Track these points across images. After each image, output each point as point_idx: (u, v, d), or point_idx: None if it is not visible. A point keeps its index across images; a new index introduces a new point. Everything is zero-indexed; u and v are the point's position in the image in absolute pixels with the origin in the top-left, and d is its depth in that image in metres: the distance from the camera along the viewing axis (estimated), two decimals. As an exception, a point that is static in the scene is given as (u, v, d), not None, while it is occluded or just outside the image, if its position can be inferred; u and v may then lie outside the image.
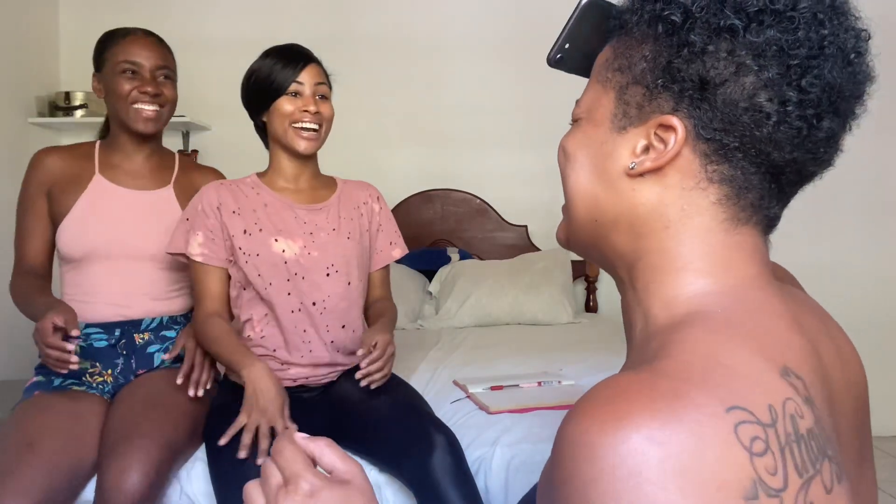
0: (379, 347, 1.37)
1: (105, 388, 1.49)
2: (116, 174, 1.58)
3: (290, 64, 1.42)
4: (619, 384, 0.42)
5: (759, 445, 0.39)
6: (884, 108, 2.84)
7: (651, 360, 0.45)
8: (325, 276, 1.46)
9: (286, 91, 1.42)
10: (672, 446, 0.38)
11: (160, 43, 1.58)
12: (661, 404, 0.39)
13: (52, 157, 1.55)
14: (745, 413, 0.40)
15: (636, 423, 0.38)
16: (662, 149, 0.51)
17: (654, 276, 0.52)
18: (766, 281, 0.52)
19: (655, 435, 0.38)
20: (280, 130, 1.44)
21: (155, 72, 1.53)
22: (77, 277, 1.53)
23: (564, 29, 0.59)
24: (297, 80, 1.42)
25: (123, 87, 1.49)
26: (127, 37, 1.53)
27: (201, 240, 1.43)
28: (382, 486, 1.33)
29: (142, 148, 1.60)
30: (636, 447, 0.38)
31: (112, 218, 1.53)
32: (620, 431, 0.38)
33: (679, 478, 0.37)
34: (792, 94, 0.47)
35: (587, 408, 0.41)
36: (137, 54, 1.51)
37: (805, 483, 0.40)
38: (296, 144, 1.44)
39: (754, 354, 0.44)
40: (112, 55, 1.51)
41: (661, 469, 0.37)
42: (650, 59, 0.51)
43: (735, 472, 0.38)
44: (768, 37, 0.47)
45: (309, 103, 1.42)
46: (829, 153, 0.51)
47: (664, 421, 0.38)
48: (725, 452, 0.38)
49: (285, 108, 1.42)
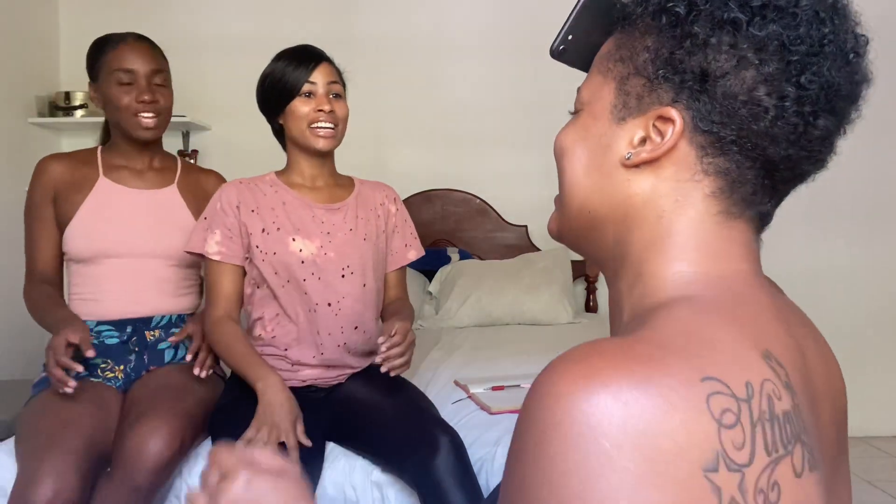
0: (399, 333, 1.36)
1: (117, 383, 1.52)
2: (121, 175, 1.61)
3: (302, 64, 1.43)
4: (597, 344, 0.42)
5: (730, 418, 0.38)
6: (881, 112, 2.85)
7: (632, 333, 0.45)
8: (340, 276, 1.46)
9: (300, 92, 1.42)
10: (638, 407, 0.37)
11: (153, 47, 1.59)
12: (635, 365, 0.39)
13: (56, 162, 1.58)
14: (719, 384, 0.39)
15: (605, 381, 0.38)
16: (660, 140, 0.51)
17: (644, 266, 0.52)
18: (756, 276, 0.52)
19: (623, 394, 0.38)
20: (297, 132, 1.45)
21: (150, 77, 1.55)
22: (86, 276, 1.55)
23: (568, 20, 0.60)
24: (310, 81, 1.42)
25: (122, 99, 1.51)
26: (119, 44, 1.54)
27: (219, 238, 1.44)
28: (385, 486, 1.33)
29: (144, 152, 1.63)
30: (602, 403, 0.37)
31: (119, 218, 1.56)
32: (589, 386, 0.38)
33: (638, 439, 0.37)
34: (791, 90, 0.47)
35: (562, 361, 0.41)
36: (132, 61, 1.53)
37: (773, 462, 0.39)
38: (314, 143, 1.45)
39: (737, 335, 0.43)
40: (106, 64, 1.53)
41: (623, 428, 0.37)
42: (652, 50, 0.51)
43: (699, 442, 0.37)
44: (770, 31, 0.47)
45: (323, 103, 1.43)
46: (823, 153, 0.51)
47: (635, 382, 0.38)
48: (692, 420, 0.38)
49: (301, 110, 1.43)
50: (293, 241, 1.44)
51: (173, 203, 1.63)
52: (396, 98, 3.03)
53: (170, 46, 1.67)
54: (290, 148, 1.51)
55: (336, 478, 1.34)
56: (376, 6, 3.04)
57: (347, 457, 1.37)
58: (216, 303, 1.45)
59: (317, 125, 1.43)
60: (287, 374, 1.45)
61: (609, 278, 0.58)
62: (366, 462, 1.36)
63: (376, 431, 1.33)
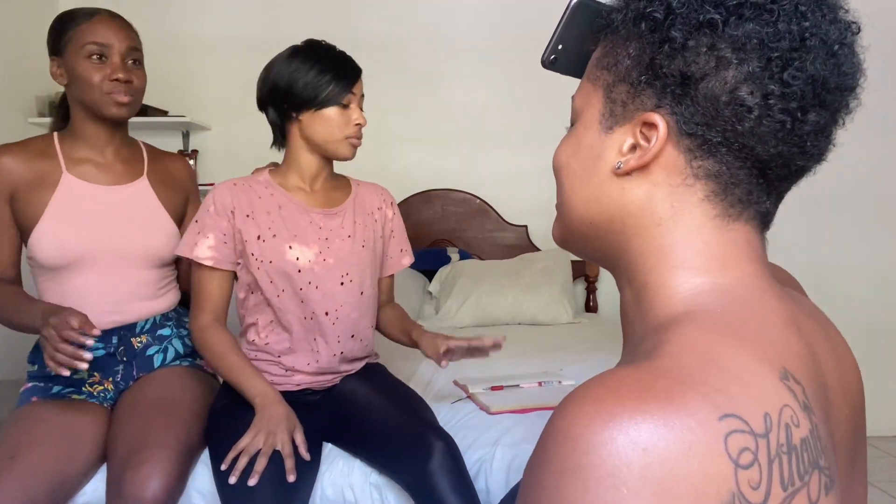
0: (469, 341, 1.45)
1: (106, 395, 1.46)
2: (86, 171, 1.46)
3: (346, 73, 1.40)
4: (613, 379, 0.41)
5: (747, 457, 0.38)
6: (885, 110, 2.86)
7: (648, 357, 0.44)
8: (339, 284, 1.45)
9: (340, 102, 1.39)
10: (657, 454, 0.37)
11: (129, 25, 1.46)
12: (653, 406, 0.39)
13: (9, 157, 1.40)
14: (738, 421, 0.39)
15: (624, 425, 0.38)
16: (647, 146, 0.51)
17: (650, 275, 0.52)
18: (764, 279, 0.51)
19: (642, 440, 0.37)
20: (325, 138, 1.41)
21: (125, 55, 1.41)
22: (59, 286, 1.43)
23: (556, 29, 0.60)
24: (352, 92, 1.40)
25: (93, 76, 1.37)
26: (93, 17, 1.40)
27: (212, 242, 1.39)
28: (384, 488, 1.33)
29: (111, 139, 1.48)
30: (620, 450, 0.37)
31: (91, 220, 1.43)
32: (606, 431, 0.38)
33: (656, 486, 0.37)
34: (774, 88, 0.47)
35: (579, 400, 0.40)
36: (105, 35, 1.39)
37: (788, 496, 0.39)
38: (343, 154, 1.44)
39: (753, 357, 0.43)
40: (76, 36, 1.38)
41: (642, 476, 0.37)
42: (634, 56, 0.52)
43: (716, 485, 0.37)
44: (747, 30, 0.47)
45: (360, 117, 1.42)
46: (818, 147, 0.51)
47: (654, 425, 0.38)
48: (710, 464, 0.37)
49: (339, 121, 1.40)
50: (290, 249, 1.41)
51: (145, 198, 1.52)
52: (396, 98, 3.03)
53: (170, 46, 1.66)
54: (298, 148, 1.45)
55: (335, 479, 1.34)
56: (376, 6, 3.04)
57: (345, 458, 1.37)
58: (204, 308, 1.42)
59: (353, 138, 1.43)
60: (280, 379, 1.44)
61: (618, 285, 0.58)
62: (363, 464, 1.36)
63: (371, 434, 1.33)
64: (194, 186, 1.68)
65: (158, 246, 1.50)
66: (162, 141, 2.90)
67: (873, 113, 2.85)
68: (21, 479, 1.17)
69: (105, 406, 1.45)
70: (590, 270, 3.04)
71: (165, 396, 1.40)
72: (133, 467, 1.20)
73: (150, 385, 1.45)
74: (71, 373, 1.24)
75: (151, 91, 1.74)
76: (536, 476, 0.41)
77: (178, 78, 2.94)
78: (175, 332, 1.57)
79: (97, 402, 1.44)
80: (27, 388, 1.43)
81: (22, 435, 1.27)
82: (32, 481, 1.18)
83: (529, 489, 0.41)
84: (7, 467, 1.19)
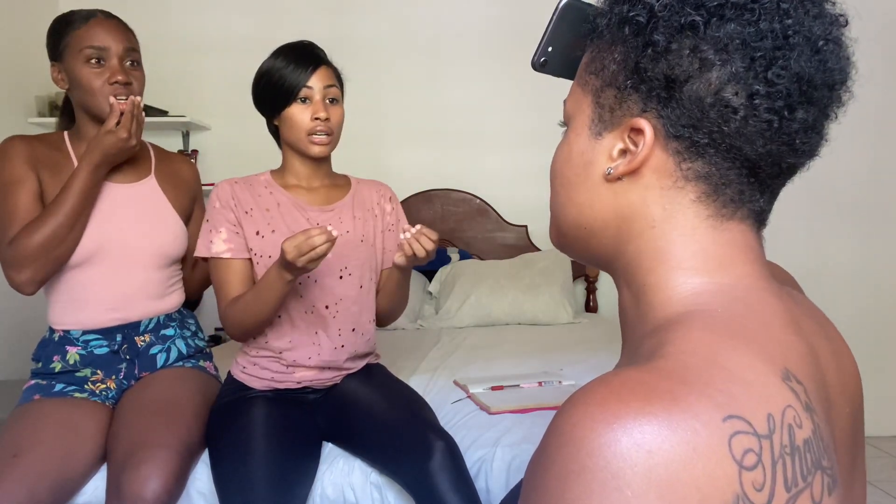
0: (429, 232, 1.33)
1: (108, 394, 1.46)
2: None
3: (300, 67, 1.40)
4: (616, 381, 0.41)
5: (751, 459, 0.38)
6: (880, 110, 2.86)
7: (650, 358, 0.44)
8: (338, 279, 1.46)
9: (296, 97, 1.40)
10: (661, 456, 0.37)
11: (125, 26, 1.46)
12: (658, 408, 0.38)
13: (30, 142, 1.42)
14: (741, 422, 0.39)
15: (628, 427, 0.38)
16: (636, 151, 0.51)
17: (648, 277, 0.52)
18: (763, 278, 0.51)
19: (647, 442, 0.37)
20: (293, 138, 1.43)
21: (123, 57, 1.41)
22: (69, 282, 1.44)
23: (546, 32, 0.60)
24: (307, 86, 1.40)
25: (92, 81, 1.38)
26: (89, 20, 1.39)
27: (225, 236, 1.42)
28: (384, 487, 1.33)
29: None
30: (624, 452, 0.37)
31: (103, 217, 1.44)
32: (610, 433, 0.38)
33: (661, 488, 0.37)
34: (759, 87, 0.47)
35: (582, 402, 0.40)
36: (102, 39, 1.39)
37: (792, 497, 0.39)
38: (309, 151, 1.43)
39: (755, 357, 0.43)
40: (74, 41, 1.39)
41: (646, 478, 0.37)
42: (619, 60, 0.52)
43: (720, 487, 0.37)
44: (729, 30, 0.47)
45: (319, 109, 1.40)
46: (808, 144, 0.50)
47: (658, 427, 0.38)
48: (715, 465, 0.37)
49: (297, 118, 1.40)
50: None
51: (154, 196, 1.53)
52: (396, 98, 3.03)
53: (170, 46, 1.66)
54: (286, 149, 1.50)
55: (335, 479, 1.34)
56: (376, 6, 3.04)
57: (346, 458, 1.37)
58: (229, 295, 1.41)
59: (313, 135, 1.41)
60: (282, 376, 1.45)
61: (617, 285, 0.58)
62: (364, 463, 1.36)
63: (372, 434, 1.33)
64: (199, 188, 1.70)
65: (167, 243, 1.52)
66: (162, 141, 2.90)
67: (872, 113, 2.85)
68: (24, 477, 1.18)
69: (107, 404, 1.45)
70: (590, 270, 3.04)
71: (167, 396, 1.41)
72: (133, 466, 1.21)
73: (151, 385, 1.46)
74: (71, 371, 1.24)
75: (151, 91, 1.74)
76: (539, 478, 0.41)
77: (178, 78, 2.94)
78: (178, 333, 1.58)
79: (99, 400, 1.44)
80: (30, 385, 1.43)
81: (24, 433, 1.27)
82: (35, 479, 1.19)
83: (532, 491, 0.41)
84: (10, 465, 1.19)
